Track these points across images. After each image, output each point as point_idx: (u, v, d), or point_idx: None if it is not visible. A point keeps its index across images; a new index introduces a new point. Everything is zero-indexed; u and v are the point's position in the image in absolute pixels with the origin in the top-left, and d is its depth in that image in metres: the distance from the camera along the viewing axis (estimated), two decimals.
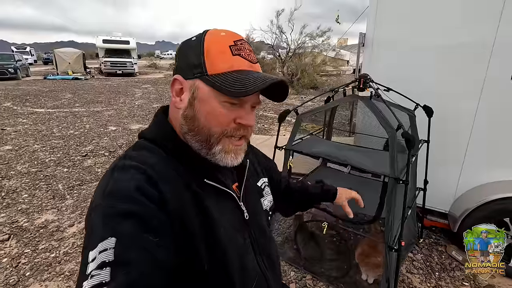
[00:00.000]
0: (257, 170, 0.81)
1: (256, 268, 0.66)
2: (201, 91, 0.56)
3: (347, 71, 22.01)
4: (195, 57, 0.57)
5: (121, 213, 0.47)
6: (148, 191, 0.50)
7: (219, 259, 0.57)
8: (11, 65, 14.66)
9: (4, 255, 2.37)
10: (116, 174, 0.53)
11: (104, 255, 0.43)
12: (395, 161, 1.63)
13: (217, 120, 0.57)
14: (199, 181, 0.59)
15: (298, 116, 2.03)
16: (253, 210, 0.70)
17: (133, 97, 10.33)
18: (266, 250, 0.71)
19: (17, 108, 7.96)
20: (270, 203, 0.80)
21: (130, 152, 0.59)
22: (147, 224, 0.47)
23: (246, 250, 0.65)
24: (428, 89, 2.28)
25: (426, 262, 2.31)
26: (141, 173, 0.52)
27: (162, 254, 0.47)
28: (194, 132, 0.58)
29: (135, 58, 18.83)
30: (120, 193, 0.49)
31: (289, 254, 2.37)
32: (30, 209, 3.06)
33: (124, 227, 0.46)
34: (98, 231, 0.46)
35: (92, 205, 0.50)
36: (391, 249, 1.67)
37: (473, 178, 2.31)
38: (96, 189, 0.54)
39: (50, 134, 5.71)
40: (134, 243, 0.45)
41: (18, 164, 4.19)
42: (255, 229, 0.69)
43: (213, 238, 0.57)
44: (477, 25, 2.06)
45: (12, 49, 25.62)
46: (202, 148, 0.59)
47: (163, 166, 0.56)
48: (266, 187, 0.81)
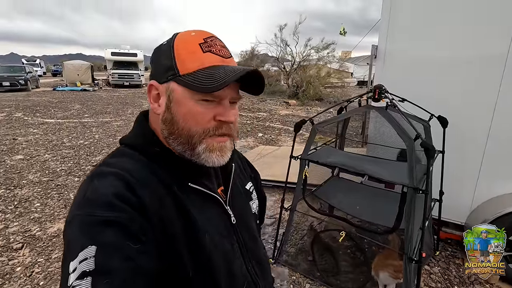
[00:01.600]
0: (244, 173, 0.79)
1: (245, 274, 0.64)
2: (176, 93, 0.55)
3: (351, 83, 22.17)
4: (166, 60, 0.56)
5: (100, 220, 0.46)
6: (127, 197, 0.49)
7: (204, 265, 0.56)
8: (22, 76, 15.00)
9: (18, 264, 2.38)
10: (94, 182, 0.51)
11: (84, 265, 0.42)
12: (413, 171, 1.63)
13: (195, 120, 0.56)
14: (183, 185, 0.58)
15: (314, 126, 2.05)
16: (240, 214, 0.68)
17: (141, 108, 10.46)
18: (256, 255, 0.69)
19: (28, 118, 8.10)
20: (258, 208, 0.79)
21: (109, 159, 0.57)
22: (128, 231, 0.46)
23: (233, 255, 0.62)
24: (442, 100, 2.29)
25: (444, 276, 2.26)
26: (119, 179, 0.51)
27: (144, 261, 0.46)
28: (175, 135, 0.57)
29: (142, 70, 19.20)
30: (99, 201, 0.48)
31: (304, 266, 2.34)
32: (43, 218, 3.08)
33: (104, 235, 0.45)
34: (78, 240, 0.44)
35: (70, 214, 0.49)
36: (411, 260, 1.65)
37: (490, 189, 2.29)
38: (74, 198, 0.52)
39: (60, 144, 5.78)
40: (115, 251, 0.44)
41: (30, 174, 4.23)
42: (243, 233, 0.66)
43: (196, 244, 0.55)
44: (491, 36, 2.09)
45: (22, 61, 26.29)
46: (186, 150, 0.57)
47: (143, 171, 0.55)
48: (253, 190, 0.79)
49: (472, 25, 2.16)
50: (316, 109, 11.52)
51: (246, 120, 8.68)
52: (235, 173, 0.71)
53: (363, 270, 2.24)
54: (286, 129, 7.70)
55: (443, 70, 2.30)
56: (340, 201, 2.35)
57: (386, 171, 1.98)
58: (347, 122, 2.72)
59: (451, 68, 2.27)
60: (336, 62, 16.38)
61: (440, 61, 2.30)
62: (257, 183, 0.84)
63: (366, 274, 2.17)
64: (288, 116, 9.74)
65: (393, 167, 2.16)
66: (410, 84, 2.41)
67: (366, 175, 1.79)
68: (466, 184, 2.36)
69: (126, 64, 18.56)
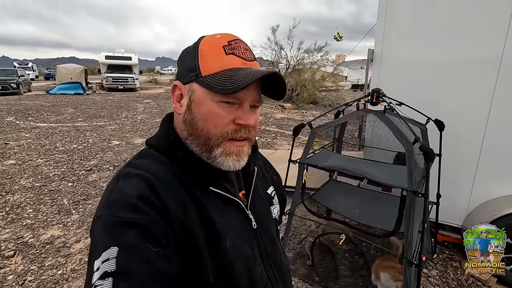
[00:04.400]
0: (267, 177, 0.77)
1: (266, 280, 0.62)
2: (197, 93, 0.56)
3: (346, 87, 22.37)
4: (190, 61, 0.57)
5: (124, 222, 0.47)
6: (151, 200, 0.50)
7: (225, 270, 0.55)
8: (14, 80, 14.78)
9: (10, 272, 2.31)
10: (120, 183, 0.52)
11: (106, 265, 0.43)
12: (413, 174, 1.64)
13: (214, 122, 0.55)
14: (204, 189, 0.58)
15: (313, 130, 2.05)
16: (261, 219, 0.67)
17: (135, 112, 10.38)
18: (276, 261, 0.67)
19: (19, 122, 7.97)
20: (279, 213, 0.77)
21: (135, 160, 0.58)
22: (149, 234, 0.47)
23: (254, 261, 0.61)
24: (438, 103, 2.31)
25: (442, 278, 2.27)
26: (144, 181, 0.51)
27: (163, 265, 0.46)
28: (194, 136, 0.57)
29: (136, 74, 19.08)
30: (124, 202, 0.49)
31: (303, 271, 2.33)
32: (35, 224, 3.01)
33: (127, 237, 0.45)
34: (102, 240, 0.46)
35: (97, 214, 0.51)
36: (411, 264, 1.64)
37: (486, 192, 2.31)
38: (102, 197, 0.54)
39: (53, 148, 5.69)
40: (136, 253, 0.45)
41: (22, 179, 4.15)
42: (264, 238, 0.65)
43: (217, 249, 0.55)
44: (486, 39, 2.13)
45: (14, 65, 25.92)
46: (203, 152, 0.57)
47: (167, 174, 0.55)
48: (275, 195, 0.77)
49: (467, 28, 2.19)
50: (311, 113, 11.58)
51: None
52: (257, 177, 0.70)
53: (362, 274, 2.23)
54: (282, 132, 7.71)
55: (439, 73, 2.33)
56: (338, 205, 2.35)
57: (384, 174, 1.98)
58: (345, 126, 2.73)
59: (447, 71, 2.30)
60: (330, 65, 16.52)
61: (436, 64, 2.33)
62: (279, 186, 0.83)
63: (365, 278, 2.16)
64: (284, 119, 9.77)
65: (391, 170, 2.17)
66: (407, 87, 2.44)
67: (365, 178, 1.79)
68: (463, 187, 2.38)
69: (120, 67, 18.43)
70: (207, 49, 0.56)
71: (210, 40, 0.58)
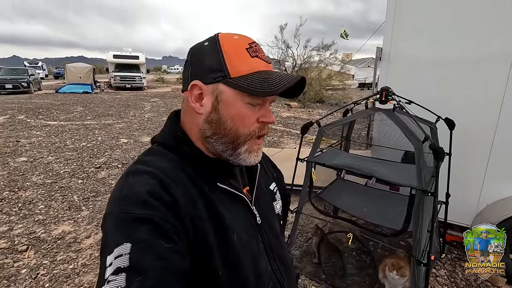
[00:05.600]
0: (268, 173, 0.80)
1: (271, 274, 0.65)
2: (226, 95, 0.57)
3: (353, 85, 22.19)
4: (214, 61, 0.57)
5: (135, 218, 0.47)
6: (161, 196, 0.50)
7: (232, 264, 0.57)
8: (24, 79, 15.04)
9: (23, 266, 2.37)
10: (129, 179, 0.53)
11: (119, 261, 0.44)
12: (422, 173, 1.63)
13: (243, 122, 0.58)
14: (212, 185, 0.59)
15: (321, 128, 2.05)
16: (265, 214, 0.69)
17: (143, 110, 10.48)
18: (280, 255, 0.70)
19: (30, 120, 8.12)
20: (281, 208, 0.79)
21: (143, 157, 0.59)
22: (161, 230, 0.47)
23: (259, 255, 0.63)
24: (448, 102, 2.29)
25: (451, 278, 2.25)
26: (154, 178, 0.52)
27: (176, 260, 0.47)
28: (220, 135, 0.58)
29: (144, 73, 19.23)
30: (134, 198, 0.49)
31: (309, 269, 2.34)
32: (47, 220, 3.08)
33: (139, 233, 0.46)
34: (114, 236, 0.46)
35: (107, 210, 0.51)
36: (419, 263, 1.64)
37: (496, 191, 2.28)
38: (111, 194, 0.54)
39: (63, 146, 5.79)
40: (148, 249, 0.45)
41: (34, 176, 4.24)
42: (268, 233, 0.68)
43: (226, 243, 0.57)
44: (497, 37, 2.09)
45: (24, 64, 26.38)
46: (227, 149, 0.59)
47: (177, 171, 0.56)
48: (277, 191, 0.80)
49: (477, 24, 2.16)
50: (318, 111, 11.53)
51: None
52: (260, 173, 0.72)
53: (369, 273, 2.23)
54: (288, 131, 7.70)
55: (449, 70, 2.30)
56: (345, 203, 2.35)
57: (392, 173, 1.97)
58: (353, 124, 2.72)
59: (456, 69, 2.27)
60: (337, 64, 16.40)
61: (446, 62, 2.30)
62: (280, 182, 0.85)
63: (372, 276, 2.16)
64: (290, 118, 9.75)
65: (399, 169, 2.16)
66: (416, 85, 2.42)
67: (373, 177, 1.78)
68: (472, 186, 2.36)
69: (128, 66, 18.59)
70: (231, 51, 0.57)
71: (231, 40, 0.58)
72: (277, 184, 0.82)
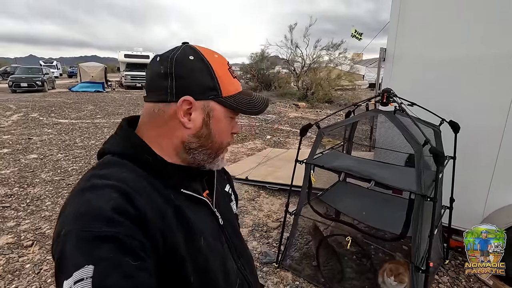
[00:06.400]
0: (222, 176, 0.84)
1: (237, 272, 0.68)
2: (217, 112, 0.61)
3: (363, 86, 21.89)
4: (207, 79, 0.58)
5: (97, 237, 0.43)
6: (126, 210, 0.47)
7: (202, 268, 0.58)
8: (39, 78, 15.47)
9: (28, 261, 2.44)
10: (87, 195, 0.48)
11: (80, 286, 0.40)
12: (421, 177, 1.59)
13: (226, 134, 0.65)
14: (176, 191, 0.59)
15: (320, 130, 2.03)
16: (226, 215, 0.72)
17: None
18: (243, 253, 0.74)
19: (43, 118, 8.34)
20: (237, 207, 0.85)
21: (98, 171, 0.54)
22: (127, 248, 0.45)
23: (226, 255, 0.66)
24: (453, 104, 2.23)
25: (454, 285, 2.19)
26: (116, 191, 0.49)
27: (144, 278, 0.44)
28: (207, 147, 0.62)
29: None
30: (95, 214, 0.45)
31: (308, 271, 2.31)
32: (53, 216, 3.15)
33: (102, 252, 0.42)
34: (72, 258, 0.42)
35: (62, 230, 0.45)
36: (418, 269, 1.60)
37: (503, 196, 2.20)
38: (63, 213, 0.49)
39: (73, 144, 5.92)
40: (113, 269, 0.42)
41: (43, 173, 4.35)
42: (230, 233, 0.71)
43: (195, 249, 0.57)
44: (503, 36, 2.02)
45: (40, 63, 27.14)
46: (208, 159, 0.64)
47: (139, 181, 0.54)
48: (232, 192, 0.85)
49: (483, 23, 2.09)
50: (326, 112, 11.42)
51: (255, 122, 8.68)
52: (216, 177, 0.75)
53: (368, 277, 2.19)
54: (295, 131, 7.66)
55: (454, 72, 2.23)
56: (346, 206, 2.32)
57: (393, 176, 1.93)
58: (355, 126, 2.68)
59: (462, 70, 2.20)
60: (347, 64, 16.21)
61: (451, 62, 2.24)
62: (232, 183, 0.90)
63: (372, 281, 2.12)
64: (297, 118, 9.69)
65: (400, 172, 2.11)
66: (420, 86, 2.36)
67: (372, 180, 1.75)
68: (478, 191, 2.28)
69: (138, 66, 18.88)
70: (219, 71, 0.60)
71: (216, 60, 0.61)
72: (230, 185, 0.87)
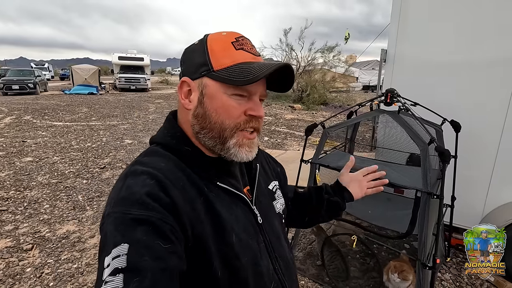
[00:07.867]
0: (268, 173, 0.80)
1: (272, 273, 0.64)
2: (209, 88, 0.58)
3: (356, 88, 22.15)
4: (200, 57, 0.58)
5: (133, 219, 0.47)
6: (160, 197, 0.50)
7: (232, 265, 0.57)
8: (31, 80, 15.23)
9: (28, 264, 2.39)
10: (128, 181, 0.52)
11: (117, 262, 0.43)
12: (427, 175, 1.61)
13: (228, 114, 0.58)
14: (212, 184, 0.59)
15: (325, 130, 2.05)
16: (266, 214, 0.69)
17: (147, 112, 10.55)
18: (282, 255, 0.69)
19: (36, 121, 8.21)
20: (283, 206, 0.78)
21: (141, 158, 0.58)
22: (159, 231, 0.47)
23: (260, 255, 0.63)
24: (453, 104, 2.27)
25: (456, 282, 2.22)
26: (152, 179, 0.52)
27: (173, 261, 0.47)
28: (207, 129, 0.59)
29: (148, 74, 19.38)
30: (132, 199, 0.49)
31: (312, 271, 2.32)
32: (52, 219, 3.10)
33: (137, 234, 0.46)
34: (112, 237, 0.46)
35: (106, 211, 0.51)
36: (424, 266, 1.62)
37: (502, 195, 2.26)
38: (110, 195, 0.54)
39: (68, 146, 5.84)
40: (146, 250, 0.45)
41: (39, 175, 4.28)
42: (269, 233, 0.67)
43: (225, 244, 0.56)
44: (503, 39, 2.08)
45: (31, 65, 26.71)
46: (216, 144, 0.59)
47: (175, 171, 0.56)
48: (277, 190, 0.79)
49: (483, 26, 2.15)
50: (322, 114, 11.51)
51: None
52: (259, 173, 0.72)
53: (373, 276, 2.21)
54: (292, 133, 7.69)
55: (454, 73, 2.29)
56: (351, 205, 2.33)
57: (399, 175, 1.96)
58: (357, 126, 2.71)
59: (462, 70, 2.25)
60: (341, 66, 16.38)
61: (451, 63, 2.29)
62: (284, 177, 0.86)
63: (377, 279, 2.14)
64: (294, 120, 9.74)
65: (403, 171, 2.14)
66: (421, 87, 2.40)
67: None
68: (478, 189, 2.33)
69: (133, 68, 18.76)
70: (216, 45, 0.58)
71: (217, 37, 0.60)
72: (280, 180, 0.82)
